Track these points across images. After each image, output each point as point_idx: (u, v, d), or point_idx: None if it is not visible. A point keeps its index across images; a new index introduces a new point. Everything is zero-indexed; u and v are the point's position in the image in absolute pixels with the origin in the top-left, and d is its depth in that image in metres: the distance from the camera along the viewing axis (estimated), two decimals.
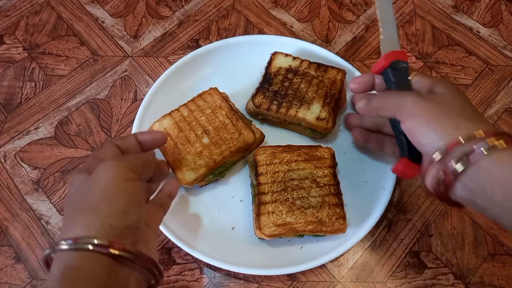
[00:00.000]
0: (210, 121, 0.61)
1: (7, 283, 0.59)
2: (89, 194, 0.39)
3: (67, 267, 0.35)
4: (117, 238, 0.37)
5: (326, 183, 0.57)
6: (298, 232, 0.55)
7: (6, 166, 0.67)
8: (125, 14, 0.83)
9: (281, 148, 0.61)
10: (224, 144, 0.60)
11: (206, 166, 0.58)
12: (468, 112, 0.44)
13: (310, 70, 0.66)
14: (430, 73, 0.77)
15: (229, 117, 0.62)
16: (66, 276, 0.34)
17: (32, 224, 0.63)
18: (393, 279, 0.59)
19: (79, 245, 0.35)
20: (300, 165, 0.59)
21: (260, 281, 0.59)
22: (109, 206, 0.38)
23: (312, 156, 0.60)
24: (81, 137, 0.70)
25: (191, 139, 0.60)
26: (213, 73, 0.69)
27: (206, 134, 0.60)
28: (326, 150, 0.61)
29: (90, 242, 0.35)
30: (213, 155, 0.59)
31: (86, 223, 0.37)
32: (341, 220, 0.55)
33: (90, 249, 0.35)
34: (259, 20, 0.83)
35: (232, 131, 0.61)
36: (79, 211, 0.38)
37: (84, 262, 0.35)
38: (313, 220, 0.55)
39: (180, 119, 0.62)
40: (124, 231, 0.38)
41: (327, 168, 0.59)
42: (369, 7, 0.85)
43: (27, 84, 0.75)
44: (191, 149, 0.59)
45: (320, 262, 0.56)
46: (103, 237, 0.36)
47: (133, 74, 0.76)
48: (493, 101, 0.74)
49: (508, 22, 0.83)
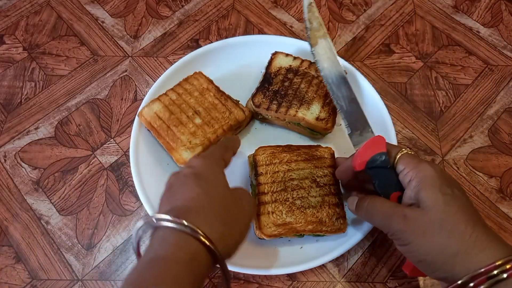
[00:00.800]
0: (199, 103, 0.63)
1: (7, 283, 0.59)
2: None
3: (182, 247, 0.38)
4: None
5: (326, 183, 0.57)
6: (298, 232, 0.55)
7: (6, 166, 0.67)
8: (125, 14, 0.83)
9: (281, 148, 0.61)
10: (217, 123, 0.61)
11: (201, 145, 0.60)
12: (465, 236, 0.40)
13: (311, 70, 0.66)
14: (430, 73, 0.77)
15: (217, 97, 0.64)
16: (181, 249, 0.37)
17: (32, 224, 0.63)
18: (393, 279, 0.59)
19: (196, 235, 0.38)
20: (300, 165, 0.59)
21: (260, 281, 0.59)
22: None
23: (312, 156, 0.60)
24: (81, 137, 0.70)
25: (183, 120, 0.61)
26: (213, 73, 0.69)
27: (197, 115, 0.62)
28: (326, 149, 0.61)
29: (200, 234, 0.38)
30: (207, 134, 0.60)
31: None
32: (341, 220, 0.55)
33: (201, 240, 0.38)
34: (259, 20, 0.83)
35: (223, 110, 0.63)
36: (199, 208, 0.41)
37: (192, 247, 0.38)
38: (313, 220, 0.55)
39: (170, 103, 0.63)
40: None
41: (327, 167, 0.59)
42: (369, 7, 0.85)
43: (27, 84, 0.75)
44: (185, 129, 0.60)
45: (320, 262, 0.56)
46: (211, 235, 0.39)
47: (133, 74, 0.76)
48: (493, 101, 0.74)
49: (508, 22, 0.83)
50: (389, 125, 0.65)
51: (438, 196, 0.42)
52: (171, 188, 0.45)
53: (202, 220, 0.39)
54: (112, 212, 0.64)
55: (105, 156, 0.68)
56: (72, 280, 0.59)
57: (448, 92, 0.75)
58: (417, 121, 0.72)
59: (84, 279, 0.59)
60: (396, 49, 0.79)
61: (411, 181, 0.45)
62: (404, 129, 0.71)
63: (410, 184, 0.45)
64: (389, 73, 0.77)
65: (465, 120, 0.72)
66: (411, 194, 0.44)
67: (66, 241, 0.62)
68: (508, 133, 0.71)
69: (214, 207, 0.42)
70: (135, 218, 0.63)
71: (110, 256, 0.61)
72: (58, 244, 0.61)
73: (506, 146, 0.69)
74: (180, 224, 0.38)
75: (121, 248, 0.61)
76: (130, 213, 0.64)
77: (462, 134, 0.71)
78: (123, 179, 0.66)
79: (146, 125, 0.63)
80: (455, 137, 0.70)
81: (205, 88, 0.64)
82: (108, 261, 0.60)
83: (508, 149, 0.69)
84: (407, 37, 0.81)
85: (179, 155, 0.59)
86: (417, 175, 0.44)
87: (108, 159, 0.68)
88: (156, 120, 0.61)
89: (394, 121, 0.70)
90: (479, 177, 0.67)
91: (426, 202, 0.42)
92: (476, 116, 0.72)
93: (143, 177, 0.61)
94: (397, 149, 0.49)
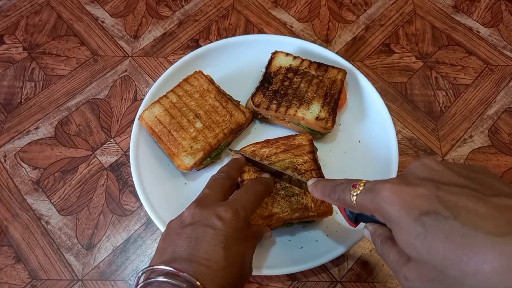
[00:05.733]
0: (200, 105, 0.63)
1: (7, 283, 0.59)
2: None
3: None
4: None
5: (308, 169, 0.58)
6: (285, 221, 0.55)
7: (6, 166, 0.67)
8: (125, 14, 0.83)
9: (260, 144, 0.61)
10: (217, 127, 0.61)
11: (203, 150, 0.60)
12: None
13: (311, 69, 0.66)
14: (430, 73, 0.77)
15: (218, 99, 0.63)
16: None
17: (32, 224, 0.63)
18: (393, 279, 0.59)
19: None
20: (279, 157, 0.59)
21: (260, 281, 0.59)
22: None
23: (291, 146, 0.60)
24: (81, 137, 0.70)
25: (184, 124, 0.61)
26: (213, 73, 0.69)
27: (198, 119, 0.62)
28: (304, 137, 0.61)
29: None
30: (208, 139, 0.60)
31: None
32: (326, 203, 0.55)
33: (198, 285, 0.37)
34: (259, 20, 0.83)
35: (223, 113, 0.62)
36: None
37: None
38: (299, 207, 0.55)
39: (170, 106, 0.63)
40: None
41: (306, 154, 0.59)
42: (369, 7, 0.85)
43: (27, 84, 0.75)
44: (186, 134, 0.60)
45: (320, 262, 0.56)
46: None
47: (133, 74, 0.76)
48: (493, 101, 0.74)
49: (508, 22, 0.83)
50: (389, 125, 0.65)
51: (413, 242, 0.30)
52: (194, 231, 0.42)
53: (215, 285, 0.39)
54: (112, 212, 0.64)
55: (105, 156, 0.68)
56: (72, 280, 0.59)
57: (448, 92, 0.75)
58: (417, 121, 0.72)
59: (84, 279, 0.59)
60: (396, 49, 0.79)
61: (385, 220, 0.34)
62: (404, 129, 0.71)
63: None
64: (389, 73, 0.77)
65: (465, 120, 0.72)
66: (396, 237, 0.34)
67: (66, 241, 0.62)
68: (508, 133, 0.71)
69: (229, 276, 0.41)
70: (135, 218, 0.63)
71: (110, 256, 0.61)
72: (58, 244, 0.61)
73: (506, 146, 0.69)
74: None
75: (121, 248, 0.61)
76: (130, 213, 0.64)
77: (462, 134, 0.70)
78: (123, 179, 0.66)
79: (148, 129, 0.62)
80: (455, 137, 0.70)
81: (205, 89, 0.64)
82: (108, 261, 0.60)
83: (508, 149, 0.69)
84: (407, 37, 0.81)
85: (180, 161, 0.59)
86: (378, 211, 0.34)
87: (108, 159, 0.68)
88: (157, 124, 0.61)
89: (394, 121, 0.70)
90: None
91: (408, 252, 0.32)
92: (476, 116, 0.72)
93: (143, 177, 0.61)
94: (350, 185, 0.39)
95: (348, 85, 0.70)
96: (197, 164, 0.60)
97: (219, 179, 0.51)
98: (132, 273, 0.60)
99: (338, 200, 0.41)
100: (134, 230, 0.63)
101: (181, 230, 0.43)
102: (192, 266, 0.39)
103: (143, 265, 0.60)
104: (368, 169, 0.64)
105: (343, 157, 0.65)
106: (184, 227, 0.43)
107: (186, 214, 0.45)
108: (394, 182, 0.33)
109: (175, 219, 0.46)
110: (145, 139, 0.65)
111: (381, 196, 0.33)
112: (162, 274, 0.38)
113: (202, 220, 0.43)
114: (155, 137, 0.62)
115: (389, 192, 0.33)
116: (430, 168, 0.34)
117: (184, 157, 0.59)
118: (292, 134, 0.63)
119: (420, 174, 0.33)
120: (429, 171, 0.33)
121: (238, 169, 0.56)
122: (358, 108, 0.69)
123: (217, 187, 0.49)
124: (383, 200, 0.33)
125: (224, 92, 0.65)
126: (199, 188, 0.51)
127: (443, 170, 0.33)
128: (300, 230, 0.59)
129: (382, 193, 0.33)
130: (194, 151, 0.60)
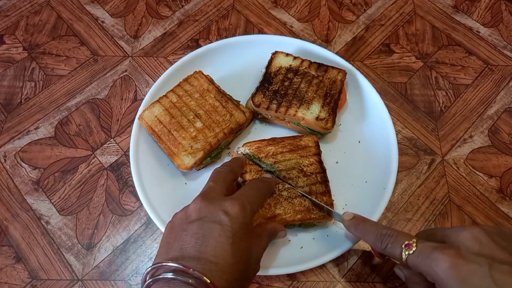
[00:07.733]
0: (200, 105, 0.63)
1: (7, 283, 0.59)
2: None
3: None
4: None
5: (313, 172, 0.58)
6: (287, 222, 0.55)
7: (6, 166, 0.67)
8: (125, 14, 0.83)
9: (266, 141, 0.61)
10: (217, 126, 0.61)
11: (203, 150, 0.60)
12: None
13: (311, 70, 0.66)
14: (430, 73, 0.77)
15: (218, 99, 0.63)
16: None
17: (32, 224, 0.63)
18: (393, 279, 0.59)
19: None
20: (285, 156, 0.59)
21: (260, 281, 0.59)
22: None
23: (297, 146, 0.60)
24: (81, 137, 0.70)
25: (184, 124, 0.61)
26: (213, 73, 0.69)
27: (198, 118, 0.62)
28: (310, 138, 0.61)
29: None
30: (208, 138, 0.60)
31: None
32: (329, 207, 0.55)
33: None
34: (259, 20, 0.83)
35: (223, 113, 0.62)
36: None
37: None
38: (301, 209, 0.55)
39: (170, 106, 0.63)
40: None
41: (312, 156, 0.59)
42: (369, 7, 0.85)
43: (27, 84, 0.75)
44: (186, 134, 0.60)
45: (320, 262, 0.56)
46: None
47: (133, 74, 0.76)
48: (493, 101, 0.74)
49: (508, 22, 0.83)
50: (389, 125, 0.65)
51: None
52: (201, 227, 0.42)
53: (224, 282, 0.39)
54: (112, 212, 0.64)
55: (105, 156, 0.68)
56: (72, 280, 0.59)
57: (448, 92, 0.75)
58: (417, 121, 0.72)
59: (84, 279, 0.59)
60: (396, 49, 0.79)
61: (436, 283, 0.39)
62: (404, 129, 0.71)
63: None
64: (389, 73, 0.77)
65: (465, 120, 0.72)
66: None
67: (66, 241, 0.62)
68: (508, 133, 0.71)
69: (237, 272, 0.41)
70: (135, 218, 0.63)
71: (110, 256, 0.61)
72: (58, 244, 0.61)
73: (506, 146, 0.69)
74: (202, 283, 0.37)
75: (121, 248, 0.61)
76: (130, 213, 0.64)
77: (462, 134, 0.70)
78: (123, 179, 0.66)
79: (148, 129, 0.63)
80: (455, 137, 0.70)
81: (205, 89, 0.64)
82: (108, 261, 0.60)
83: (508, 149, 0.69)
84: (407, 37, 0.81)
85: (180, 160, 0.59)
86: (431, 275, 0.38)
87: (108, 159, 0.68)
88: (157, 124, 0.61)
89: (394, 121, 0.70)
90: (479, 177, 0.67)
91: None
92: (476, 116, 0.72)
93: (143, 177, 0.61)
94: (400, 241, 0.42)
95: (348, 85, 0.70)
96: (197, 164, 0.60)
97: (222, 172, 0.52)
98: (132, 273, 0.60)
99: (385, 251, 0.44)
100: (134, 230, 0.63)
101: (188, 225, 0.43)
102: (201, 263, 0.39)
103: (143, 265, 0.60)
104: (368, 169, 0.64)
105: (343, 157, 0.65)
106: (190, 222, 0.43)
107: (192, 208, 0.45)
108: (451, 255, 0.37)
109: (180, 211, 0.46)
110: (145, 139, 0.65)
111: (439, 266, 0.37)
112: (170, 270, 0.38)
113: (209, 216, 0.43)
114: (155, 137, 0.62)
115: (448, 265, 0.37)
116: (479, 241, 0.38)
117: (184, 156, 0.59)
118: (298, 135, 0.63)
119: (472, 248, 0.38)
120: (480, 245, 0.38)
121: (240, 165, 0.56)
122: (358, 108, 0.69)
123: (220, 180, 0.50)
124: (441, 270, 0.37)
125: (224, 92, 0.65)
126: (199, 188, 0.51)
127: (489, 243, 0.38)
128: (300, 230, 0.59)
129: (440, 264, 0.37)
130: (194, 150, 0.60)
